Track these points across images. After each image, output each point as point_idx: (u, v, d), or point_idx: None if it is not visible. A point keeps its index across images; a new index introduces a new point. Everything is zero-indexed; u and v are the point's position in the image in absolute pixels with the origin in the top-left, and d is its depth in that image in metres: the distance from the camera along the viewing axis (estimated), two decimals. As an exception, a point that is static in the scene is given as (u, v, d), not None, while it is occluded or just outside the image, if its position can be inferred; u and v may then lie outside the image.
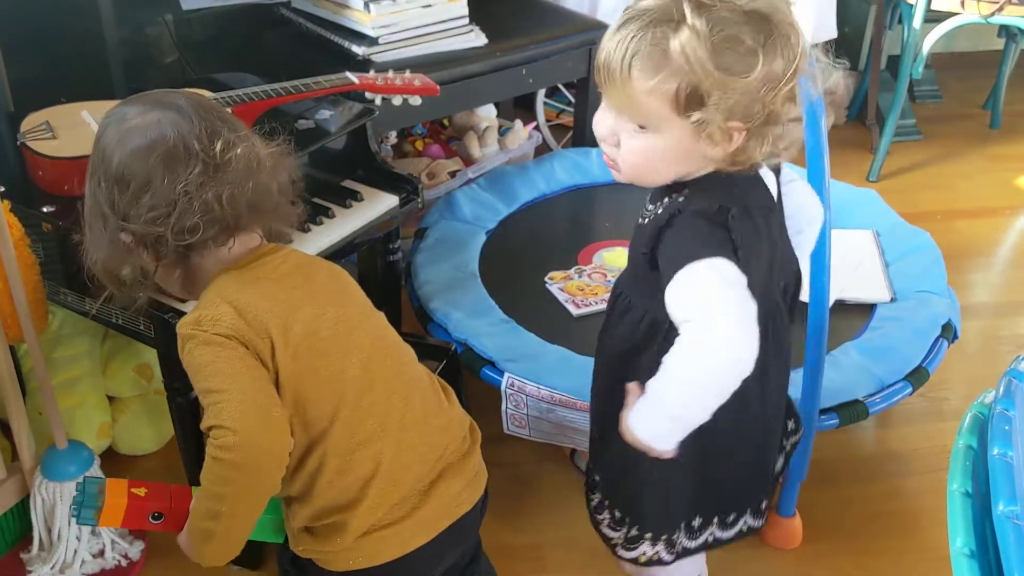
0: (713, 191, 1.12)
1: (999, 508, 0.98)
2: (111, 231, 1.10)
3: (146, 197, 1.06)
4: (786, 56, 1.03)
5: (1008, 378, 1.15)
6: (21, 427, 1.58)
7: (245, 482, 1.04)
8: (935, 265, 2.02)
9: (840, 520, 1.82)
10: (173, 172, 1.06)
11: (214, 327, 1.07)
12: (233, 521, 1.08)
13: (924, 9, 2.80)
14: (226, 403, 1.03)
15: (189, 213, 1.06)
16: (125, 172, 1.07)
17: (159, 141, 1.06)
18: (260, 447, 1.03)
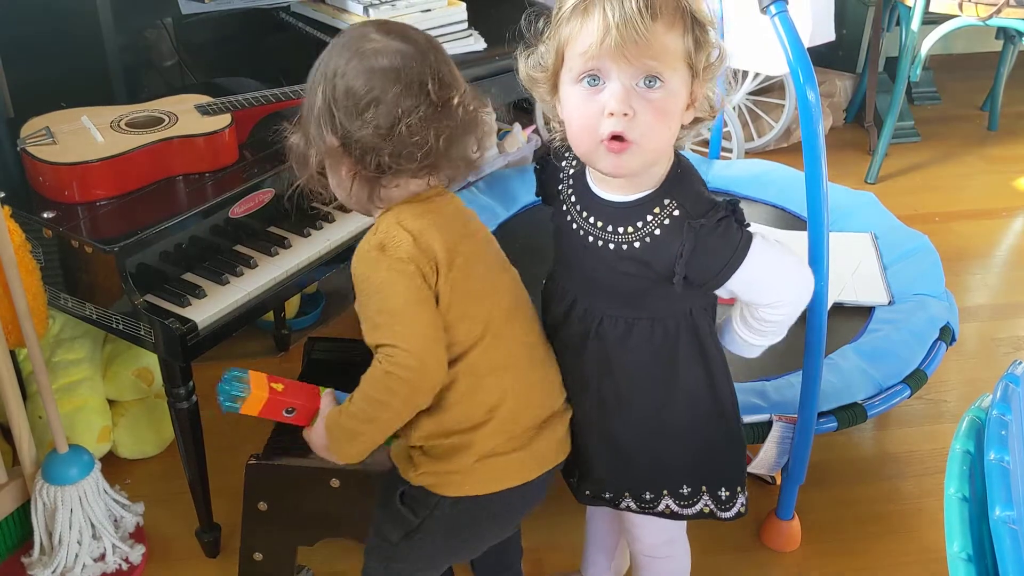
0: (692, 188, 1.18)
1: (995, 513, 0.98)
2: (329, 131, 1.14)
3: (370, 113, 1.11)
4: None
5: (1005, 383, 1.16)
6: (22, 431, 1.58)
7: (410, 396, 1.15)
8: (933, 268, 2.03)
9: (838, 522, 1.82)
10: (404, 100, 1.11)
11: (396, 251, 1.14)
12: (383, 426, 1.18)
13: (922, 11, 2.81)
14: (405, 326, 1.13)
15: (405, 141, 1.12)
16: (359, 85, 1.12)
17: (398, 68, 1.12)
18: (429, 369, 1.14)
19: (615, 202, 1.19)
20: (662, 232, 1.16)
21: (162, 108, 1.69)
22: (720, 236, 1.15)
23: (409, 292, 1.13)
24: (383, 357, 1.13)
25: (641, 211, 1.17)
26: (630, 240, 1.17)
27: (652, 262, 1.17)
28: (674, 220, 1.15)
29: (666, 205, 1.16)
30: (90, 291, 1.53)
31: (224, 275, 1.56)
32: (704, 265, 1.16)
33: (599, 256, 1.20)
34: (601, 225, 1.20)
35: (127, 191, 1.58)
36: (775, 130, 3.12)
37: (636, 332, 1.23)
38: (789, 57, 1.36)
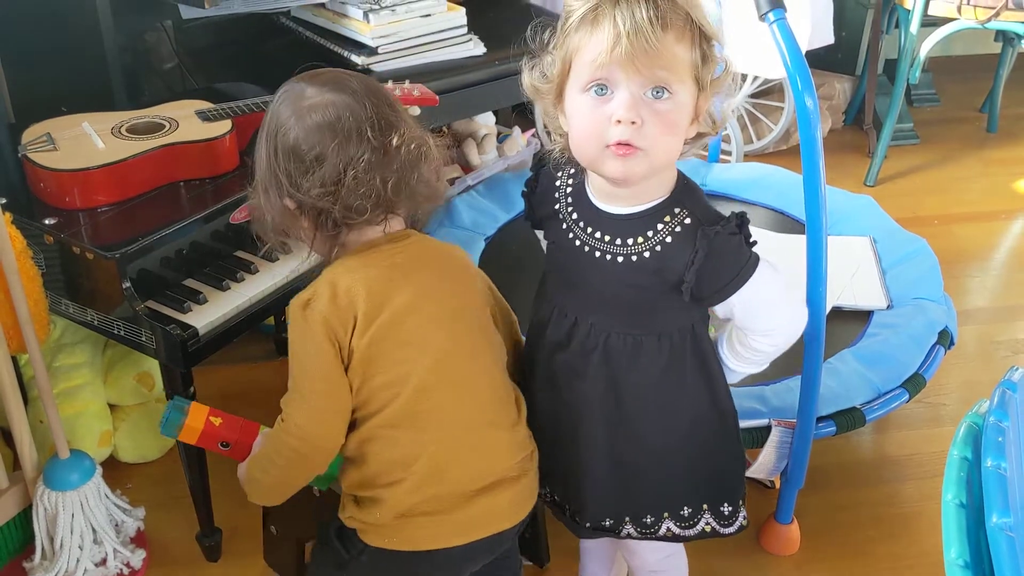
0: (700, 197, 1.19)
1: (992, 520, 0.99)
2: (280, 196, 1.17)
3: (317, 172, 1.13)
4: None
5: (1002, 389, 1.16)
6: (23, 436, 1.59)
7: (298, 461, 1.20)
8: (932, 272, 2.03)
9: (837, 526, 1.83)
10: (345, 153, 1.13)
11: (312, 310, 1.15)
12: (279, 481, 1.24)
13: (921, 14, 2.81)
14: (303, 401, 1.17)
15: (355, 193, 1.14)
16: (301, 146, 1.14)
17: (335, 122, 1.14)
18: (316, 446, 1.18)
19: (622, 215, 1.18)
20: (674, 240, 1.16)
21: (163, 114, 1.70)
22: (733, 247, 1.16)
23: (315, 360, 1.15)
24: (280, 421, 1.18)
25: (651, 221, 1.16)
26: (640, 251, 1.17)
27: (663, 270, 1.16)
28: (686, 228, 1.16)
29: (677, 214, 1.16)
30: (91, 297, 1.54)
31: (225, 281, 1.57)
32: (714, 274, 1.16)
33: (608, 270, 1.18)
34: (609, 239, 1.18)
35: (128, 197, 1.58)
36: (774, 133, 3.12)
37: (645, 349, 1.22)
38: (787, 65, 1.36)
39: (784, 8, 1.37)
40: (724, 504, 1.33)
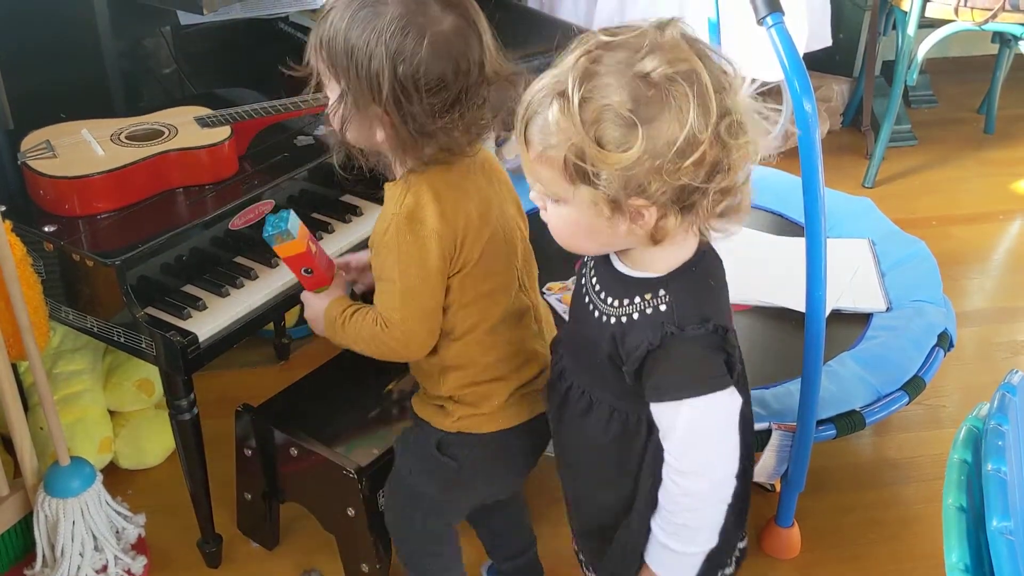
0: (696, 295, 1.07)
1: (993, 524, 0.99)
2: (376, 98, 1.14)
3: (431, 95, 1.13)
4: (682, 122, 0.93)
5: (1001, 392, 1.16)
6: (24, 444, 1.59)
7: (393, 354, 1.27)
8: (931, 274, 2.03)
9: (838, 529, 1.83)
10: (463, 81, 1.14)
11: (423, 224, 1.18)
12: (365, 353, 1.30)
13: (918, 16, 2.82)
14: (407, 305, 1.21)
15: (459, 121, 1.16)
16: (424, 71, 1.12)
17: (461, 51, 1.13)
18: (415, 344, 1.25)
19: (619, 271, 1.11)
20: (640, 319, 1.07)
21: (162, 120, 1.70)
22: (689, 355, 1.04)
23: (423, 267, 1.19)
24: (379, 320, 1.23)
25: (635, 289, 1.08)
26: (613, 313, 1.09)
27: (621, 344, 1.08)
28: (656, 314, 1.06)
29: (658, 295, 1.06)
30: (91, 304, 1.54)
31: (225, 287, 1.57)
32: (658, 374, 1.06)
33: (589, 321, 1.13)
34: (598, 290, 1.13)
35: (127, 204, 1.58)
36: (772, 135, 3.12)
37: (595, 413, 1.16)
38: (786, 69, 1.37)
39: (782, 12, 1.38)
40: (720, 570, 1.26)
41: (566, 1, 2.91)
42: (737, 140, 0.97)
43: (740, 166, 0.99)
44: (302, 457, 1.59)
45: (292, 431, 1.60)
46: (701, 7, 2.35)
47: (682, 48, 0.96)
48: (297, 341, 2.29)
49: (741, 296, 2.01)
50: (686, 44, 0.96)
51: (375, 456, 1.57)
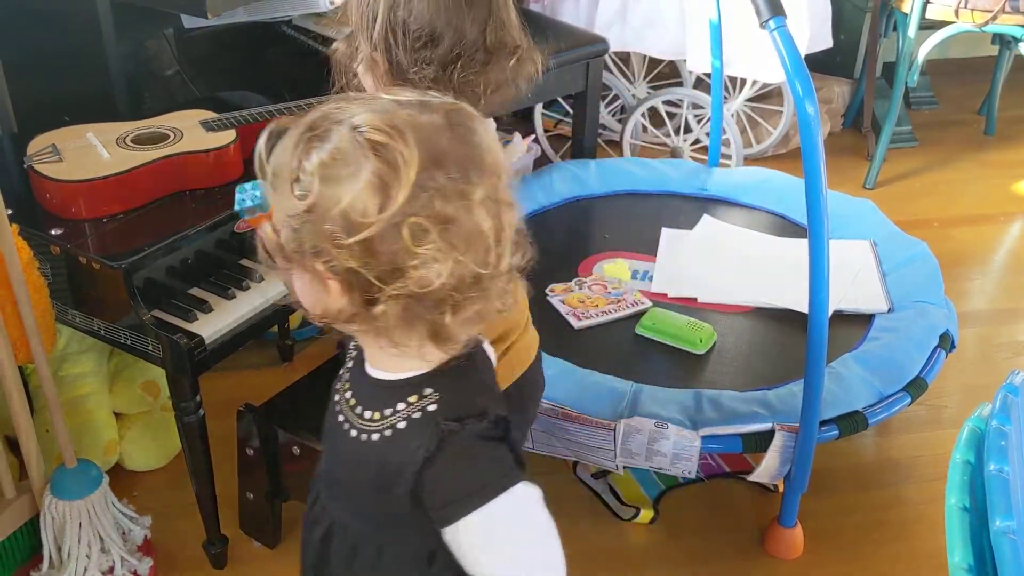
0: (468, 388, 0.93)
1: (996, 524, 1.00)
2: (379, 52, 1.13)
3: (421, 47, 1.11)
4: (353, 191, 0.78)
5: (1004, 393, 1.17)
6: (30, 446, 1.59)
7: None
8: (932, 275, 2.04)
9: (840, 529, 1.84)
10: (461, 43, 1.11)
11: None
12: None
13: (919, 17, 2.82)
14: None
15: (449, 81, 1.12)
16: (423, 22, 1.10)
17: (460, 13, 1.11)
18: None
19: (376, 378, 0.93)
20: (407, 426, 0.89)
21: (167, 124, 1.71)
22: (474, 455, 0.87)
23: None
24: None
25: (399, 394, 0.90)
26: (372, 429, 0.91)
27: (385, 463, 0.89)
28: (426, 415, 0.88)
29: (425, 395, 0.89)
30: (98, 307, 1.55)
31: (230, 290, 1.58)
32: (445, 487, 0.86)
33: (346, 443, 0.94)
34: (353, 404, 0.95)
35: (133, 207, 1.59)
36: (774, 136, 3.13)
37: (360, 557, 0.98)
38: (789, 71, 1.37)
39: (784, 15, 1.38)
40: None
41: (568, 4, 2.92)
42: (419, 246, 0.78)
43: (419, 278, 0.79)
44: (304, 455, 1.60)
45: (294, 430, 1.61)
46: (702, 9, 2.36)
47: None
48: (301, 343, 2.30)
49: (743, 298, 2.02)
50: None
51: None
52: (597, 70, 2.41)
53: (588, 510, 1.87)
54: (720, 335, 1.91)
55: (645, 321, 1.91)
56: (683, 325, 1.90)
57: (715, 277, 2.06)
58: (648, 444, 1.64)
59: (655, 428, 1.63)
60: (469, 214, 0.79)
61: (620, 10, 2.84)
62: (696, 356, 1.85)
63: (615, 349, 1.88)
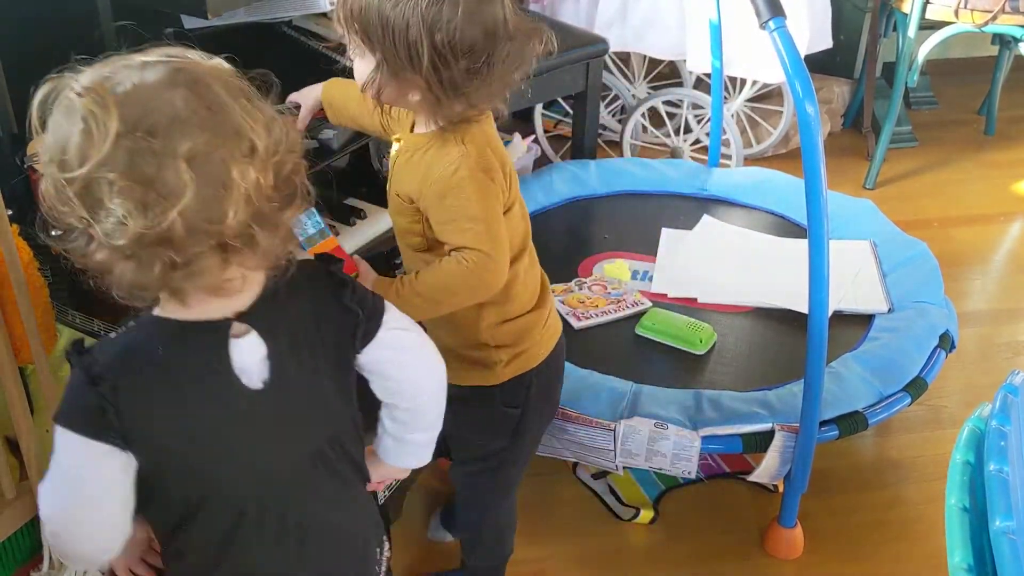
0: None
1: (996, 524, 1.00)
2: (414, 72, 1.18)
3: (465, 58, 1.17)
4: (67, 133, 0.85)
5: (1004, 393, 1.17)
6: (30, 447, 1.59)
7: (481, 293, 1.30)
8: (932, 275, 2.04)
9: (841, 529, 1.84)
10: (495, 47, 1.18)
11: (480, 161, 1.24)
12: (441, 309, 1.31)
13: (919, 18, 2.82)
14: (492, 235, 1.25)
15: (492, 85, 1.21)
16: (460, 37, 1.16)
17: (489, 15, 1.17)
18: (503, 273, 1.28)
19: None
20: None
21: (167, 124, 1.71)
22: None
23: (497, 203, 1.26)
24: (467, 259, 1.25)
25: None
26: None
27: None
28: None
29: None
30: (97, 307, 1.54)
31: (230, 290, 1.57)
32: None
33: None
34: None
35: (133, 207, 1.59)
36: (774, 136, 3.14)
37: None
38: (788, 72, 1.37)
39: (784, 16, 1.38)
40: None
41: (568, 5, 2.92)
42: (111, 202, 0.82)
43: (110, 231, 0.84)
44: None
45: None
46: (702, 9, 2.36)
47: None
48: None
49: (743, 298, 2.02)
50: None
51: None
52: (597, 70, 2.41)
53: (588, 511, 1.88)
54: (720, 335, 1.91)
55: (645, 321, 1.92)
56: (683, 325, 1.90)
57: (715, 277, 2.07)
58: (648, 444, 1.64)
59: (655, 428, 1.63)
60: (173, 172, 0.83)
61: (620, 10, 2.84)
62: (696, 356, 1.85)
63: (615, 349, 1.89)
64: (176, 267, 0.86)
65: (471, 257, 1.26)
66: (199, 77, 0.87)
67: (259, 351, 0.95)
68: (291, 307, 0.98)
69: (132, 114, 0.83)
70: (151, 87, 0.85)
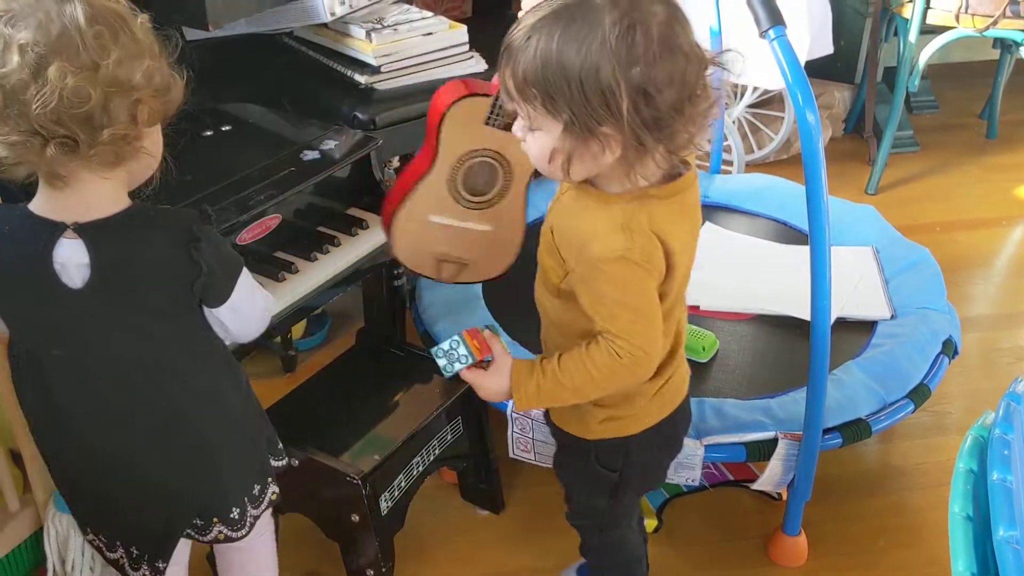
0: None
1: (999, 533, 1.00)
2: (600, 123, 1.06)
3: (669, 92, 1.06)
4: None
5: (1007, 401, 1.17)
6: (34, 460, 1.59)
7: (627, 384, 1.22)
8: (934, 281, 2.04)
9: (844, 536, 1.83)
10: (688, 72, 1.07)
11: (644, 253, 1.13)
12: (582, 398, 1.24)
13: (919, 22, 2.83)
14: (645, 328, 1.17)
15: (685, 126, 1.09)
16: (659, 69, 1.05)
17: (682, 40, 1.06)
18: (653, 365, 1.21)
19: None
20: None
21: (168, 136, 1.71)
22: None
23: (651, 293, 1.16)
24: (619, 352, 1.16)
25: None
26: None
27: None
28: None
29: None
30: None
31: (232, 301, 1.57)
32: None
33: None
34: None
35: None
36: (775, 142, 3.14)
37: None
38: (788, 80, 1.38)
39: (784, 25, 1.38)
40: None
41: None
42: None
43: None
44: (303, 466, 1.59)
45: (292, 440, 1.58)
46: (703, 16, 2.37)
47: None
48: (303, 353, 2.30)
49: (745, 305, 2.02)
50: None
51: (376, 461, 1.58)
52: (598, 78, 2.40)
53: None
54: (722, 343, 1.91)
55: (647, 329, 1.91)
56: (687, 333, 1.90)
57: (717, 284, 2.06)
58: (651, 453, 1.64)
59: (658, 437, 1.63)
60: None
61: (620, 18, 2.84)
62: (699, 364, 1.85)
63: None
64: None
65: (624, 350, 1.16)
66: (100, 5, 1.06)
67: (81, 257, 1.11)
68: (134, 236, 1.14)
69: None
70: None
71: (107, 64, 1.03)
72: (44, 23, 1.02)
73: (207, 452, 1.29)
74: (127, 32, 1.07)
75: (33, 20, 1.02)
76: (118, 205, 1.14)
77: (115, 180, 1.13)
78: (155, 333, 1.20)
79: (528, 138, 1.14)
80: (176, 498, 1.30)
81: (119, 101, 1.05)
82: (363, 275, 1.81)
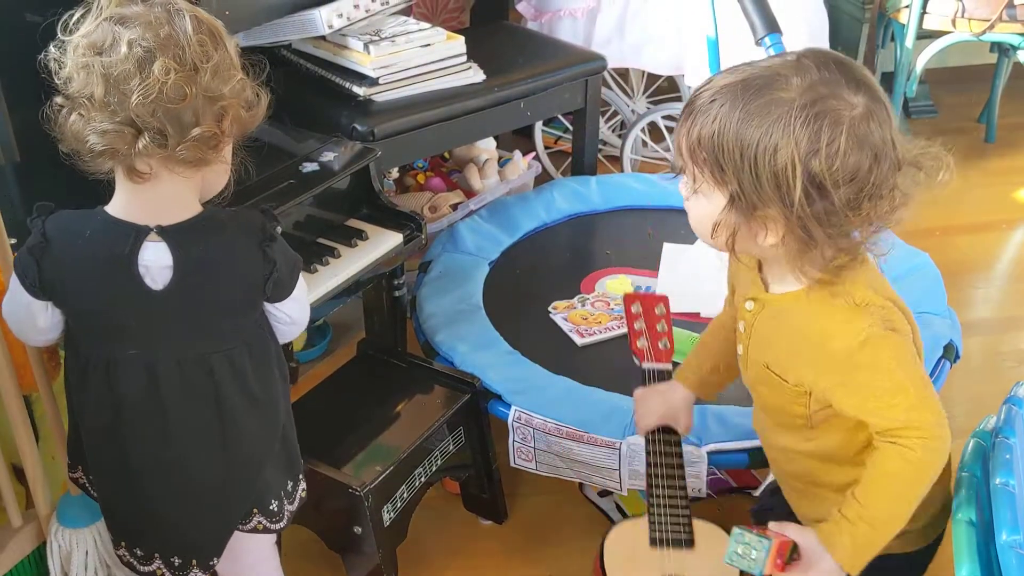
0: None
1: (1002, 537, 1.00)
2: (770, 210, 1.03)
3: (847, 188, 1.02)
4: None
5: (1008, 405, 1.17)
6: (36, 474, 1.59)
7: (934, 466, 1.09)
8: (935, 286, 2.04)
9: (849, 542, 1.83)
10: (875, 169, 1.04)
11: (886, 321, 1.08)
12: (902, 522, 1.10)
13: (916, 28, 2.83)
14: (919, 402, 1.07)
15: (871, 212, 1.06)
16: (842, 163, 1.00)
17: (877, 139, 1.03)
18: (948, 438, 1.09)
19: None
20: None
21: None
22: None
23: (914, 358, 1.09)
24: (909, 447, 1.07)
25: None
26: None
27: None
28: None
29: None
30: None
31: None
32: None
33: None
34: None
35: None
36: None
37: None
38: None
39: (780, 32, 1.39)
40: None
41: (565, 23, 2.93)
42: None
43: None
44: (305, 477, 1.58)
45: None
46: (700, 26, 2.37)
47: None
48: (305, 365, 2.30)
49: (746, 311, 2.01)
50: None
51: (379, 473, 1.58)
52: (596, 87, 2.42)
53: (595, 529, 1.86)
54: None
55: (648, 337, 1.91)
56: (687, 340, 1.89)
57: (718, 291, 2.06)
58: (653, 461, 1.64)
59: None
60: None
61: (618, 27, 2.85)
62: (700, 371, 1.85)
63: (619, 366, 1.88)
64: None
65: (913, 443, 1.06)
66: (206, 19, 1.15)
67: (165, 259, 1.16)
68: (213, 238, 1.19)
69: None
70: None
71: (206, 69, 1.10)
72: (154, 25, 1.09)
73: (257, 457, 1.32)
74: (223, 47, 1.15)
75: (143, 21, 1.09)
76: (194, 210, 1.19)
77: (191, 184, 1.17)
78: (225, 332, 1.24)
79: (691, 199, 1.11)
80: (228, 503, 1.33)
81: (209, 106, 1.12)
82: (363, 286, 1.81)
